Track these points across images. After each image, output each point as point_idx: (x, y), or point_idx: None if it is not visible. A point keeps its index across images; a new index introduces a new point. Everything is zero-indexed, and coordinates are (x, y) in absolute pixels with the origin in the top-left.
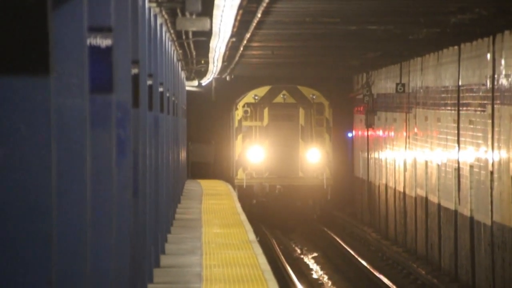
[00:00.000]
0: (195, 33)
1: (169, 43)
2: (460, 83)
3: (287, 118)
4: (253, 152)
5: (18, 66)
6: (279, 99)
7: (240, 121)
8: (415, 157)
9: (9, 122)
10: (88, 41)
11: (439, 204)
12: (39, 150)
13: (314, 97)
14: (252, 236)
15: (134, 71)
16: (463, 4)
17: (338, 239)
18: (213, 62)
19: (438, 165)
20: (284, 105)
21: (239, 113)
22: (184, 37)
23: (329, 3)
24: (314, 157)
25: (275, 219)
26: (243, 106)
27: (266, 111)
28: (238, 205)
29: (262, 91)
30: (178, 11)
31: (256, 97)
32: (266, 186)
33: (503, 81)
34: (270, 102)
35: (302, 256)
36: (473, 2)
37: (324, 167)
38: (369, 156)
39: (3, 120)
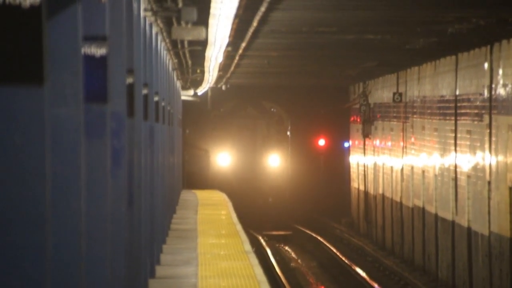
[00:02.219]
0: (190, 42)
1: (165, 52)
2: (457, 93)
3: (250, 128)
4: (222, 158)
5: (12, 76)
6: (243, 111)
7: (212, 131)
8: (412, 167)
9: (3, 131)
10: (83, 50)
11: (436, 215)
12: (34, 160)
13: (274, 110)
14: (248, 246)
15: (129, 80)
16: (461, 14)
17: (334, 250)
18: (209, 72)
19: (435, 175)
20: (247, 117)
21: (211, 124)
22: (179, 46)
23: (326, 12)
24: (274, 162)
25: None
26: (214, 118)
27: (232, 122)
28: (234, 215)
29: (229, 105)
30: (174, 20)
31: (224, 111)
32: (233, 186)
33: (501, 91)
34: (236, 114)
35: (298, 267)
36: (470, 12)
37: (283, 170)
38: (366, 166)
39: None
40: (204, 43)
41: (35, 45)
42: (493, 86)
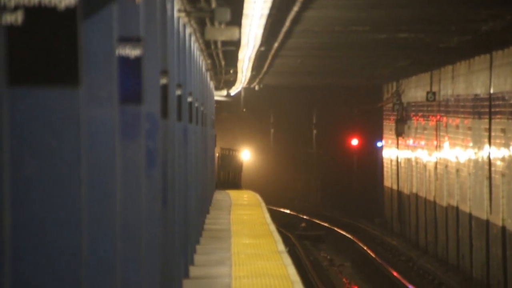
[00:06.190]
0: (223, 43)
1: (198, 52)
2: (491, 91)
3: (230, 128)
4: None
5: (47, 78)
6: (224, 114)
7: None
8: (446, 166)
9: (40, 134)
10: (117, 52)
11: (470, 214)
12: (69, 161)
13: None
14: (281, 246)
15: (163, 81)
16: (495, 11)
17: (368, 249)
18: (242, 72)
19: (469, 174)
20: (227, 120)
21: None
22: (212, 46)
23: (359, 11)
24: (247, 156)
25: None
26: None
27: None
28: (267, 216)
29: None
30: (207, 20)
31: None
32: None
33: None
34: (217, 116)
35: (332, 267)
36: (504, 10)
37: (254, 163)
38: (399, 165)
39: (33, 132)
40: (237, 43)
41: (70, 47)
42: None
